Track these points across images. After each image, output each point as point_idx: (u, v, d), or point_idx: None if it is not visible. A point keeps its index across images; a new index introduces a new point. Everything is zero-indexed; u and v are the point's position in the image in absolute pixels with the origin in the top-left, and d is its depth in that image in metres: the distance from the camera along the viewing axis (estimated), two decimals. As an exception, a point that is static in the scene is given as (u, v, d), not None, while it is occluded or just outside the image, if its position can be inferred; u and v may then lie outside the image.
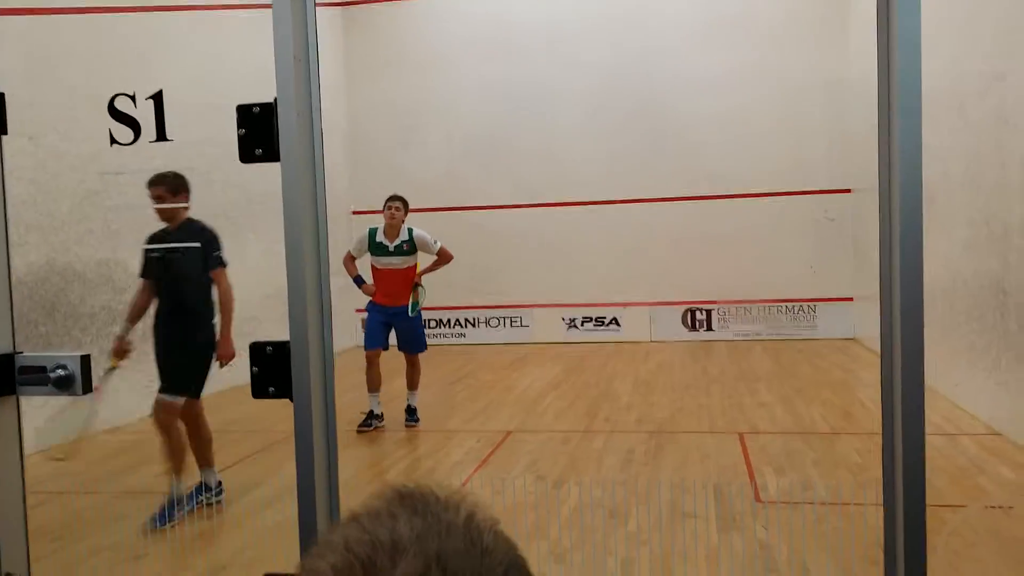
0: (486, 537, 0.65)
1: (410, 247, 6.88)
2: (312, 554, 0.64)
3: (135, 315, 5.09)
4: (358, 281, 6.86)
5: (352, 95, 12.17)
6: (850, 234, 11.14)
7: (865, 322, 10.69)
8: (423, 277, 6.99)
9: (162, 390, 4.93)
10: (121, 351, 5.01)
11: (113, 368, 4.96)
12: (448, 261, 7.05)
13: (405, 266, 6.90)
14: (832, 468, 5.33)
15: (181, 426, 4.98)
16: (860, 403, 7.40)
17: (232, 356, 4.86)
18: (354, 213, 11.80)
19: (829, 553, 3.87)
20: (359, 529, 0.64)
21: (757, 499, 4.73)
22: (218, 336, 4.93)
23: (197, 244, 4.87)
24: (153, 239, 5.01)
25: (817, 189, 11.32)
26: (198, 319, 4.97)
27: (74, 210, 6.79)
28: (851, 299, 11.13)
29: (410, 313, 6.88)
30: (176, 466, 4.87)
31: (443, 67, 12.06)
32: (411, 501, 0.67)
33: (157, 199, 4.83)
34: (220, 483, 5.16)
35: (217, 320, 4.97)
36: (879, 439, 5.91)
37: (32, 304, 6.39)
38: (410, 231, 6.86)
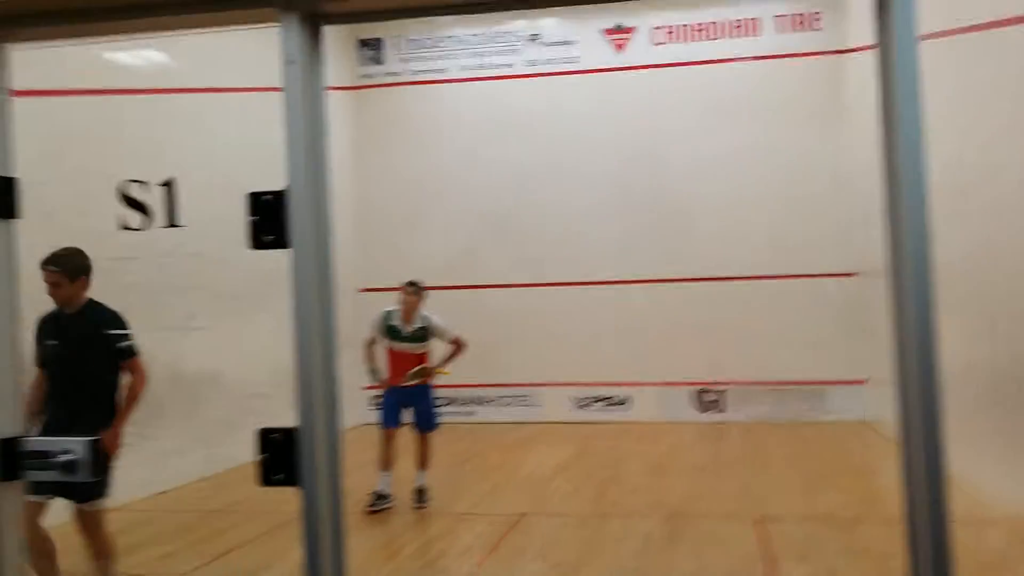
0: None
1: (425, 333, 6.85)
2: None
3: (37, 410, 4.34)
4: (375, 373, 6.83)
5: (360, 171, 12.30)
6: (860, 316, 11.06)
7: (878, 404, 10.54)
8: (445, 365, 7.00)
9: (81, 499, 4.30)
10: None
11: None
12: (463, 350, 6.99)
13: (419, 351, 6.89)
14: (855, 558, 5.17)
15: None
16: (879, 489, 7.23)
17: (117, 449, 4.34)
18: (361, 291, 11.83)
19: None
20: None
21: (776, 589, 4.58)
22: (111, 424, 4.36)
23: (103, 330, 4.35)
24: (45, 323, 4.34)
25: (823, 272, 11.31)
26: (104, 414, 4.37)
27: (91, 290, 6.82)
28: (863, 381, 10.99)
29: (405, 381, 6.78)
30: None
31: (452, 146, 12.24)
32: None
33: (53, 285, 4.25)
34: None
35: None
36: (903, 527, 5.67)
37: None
38: (426, 318, 6.84)
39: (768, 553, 5.27)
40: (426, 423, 6.97)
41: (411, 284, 6.88)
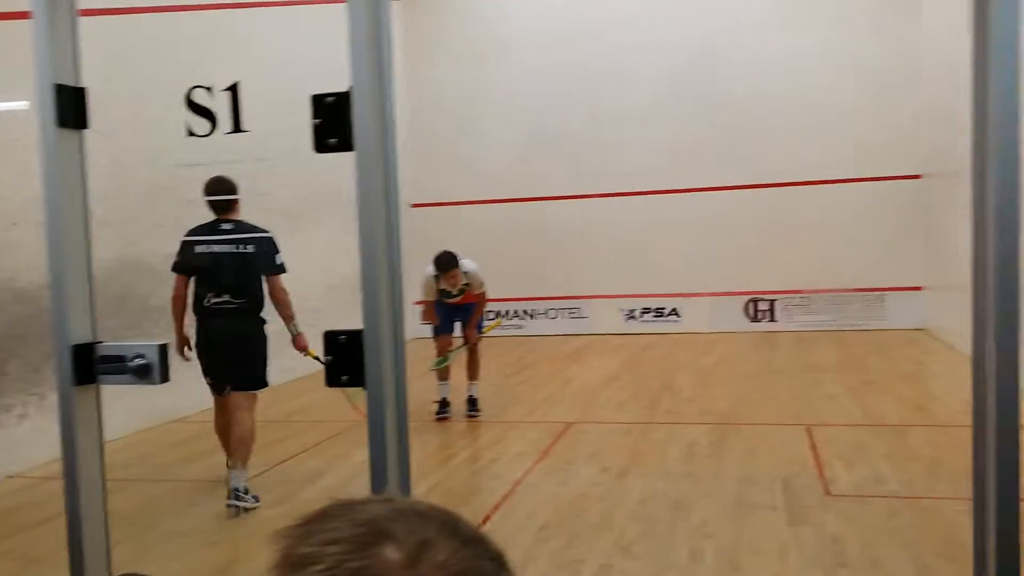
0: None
1: (468, 285, 6.96)
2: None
3: (183, 311, 5.10)
4: (437, 331, 7.04)
5: (411, 84, 12.17)
6: (921, 221, 10.82)
7: (935, 311, 10.39)
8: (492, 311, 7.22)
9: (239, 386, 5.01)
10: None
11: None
12: (484, 306, 7.23)
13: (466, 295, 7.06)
14: (905, 462, 5.19)
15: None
16: (932, 395, 7.20)
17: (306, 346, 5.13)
18: (413, 206, 11.86)
19: (903, 548, 3.76)
20: (332, 530, 0.70)
21: (827, 492, 4.63)
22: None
23: (265, 236, 5.04)
24: (199, 233, 5.04)
25: (885, 175, 11.01)
26: (258, 315, 5.06)
27: (144, 205, 6.97)
28: (921, 288, 10.82)
29: (479, 332, 7.23)
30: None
31: (504, 54, 12.02)
32: (340, 504, 0.75)
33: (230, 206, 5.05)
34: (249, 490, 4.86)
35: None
36: (953, 432, 5.73)
37: (103, 297, 6.57)
38: (465, 273, 6.87)
39: (816, 459, 5.31)
40: (475, 329, 7.17)
41: (442, 264, 6.75)
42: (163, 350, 2.15)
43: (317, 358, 4.85)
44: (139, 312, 6.90)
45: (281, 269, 5.03)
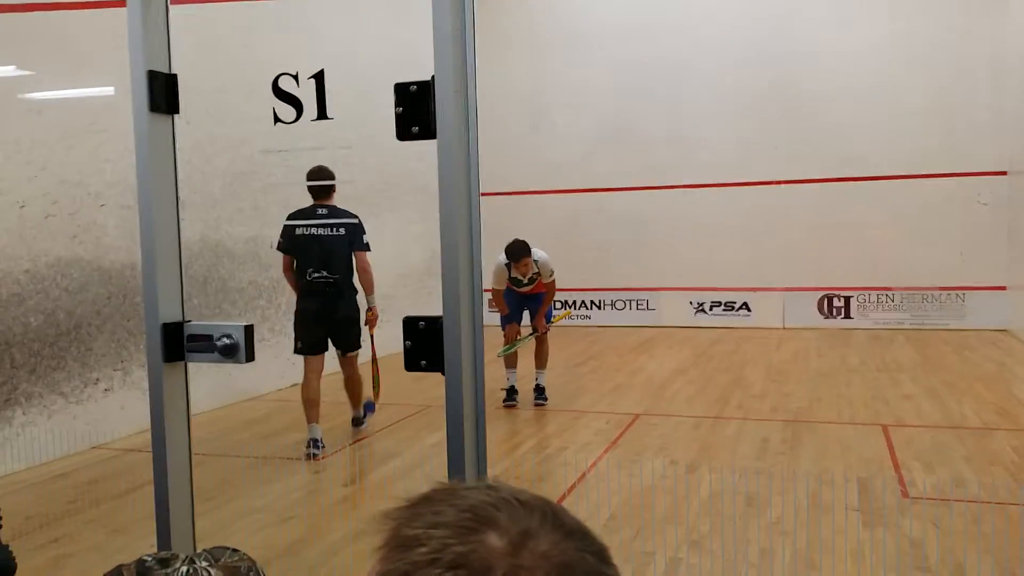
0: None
1: (538, 274, 6.95)
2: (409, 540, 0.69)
3: (294, 285, 5.90)
4: (506, 320, 7.05)
5: (482, 75, 12.18)
6: (1005, 219, 10.41)
7: (1019, 312, 9.99)
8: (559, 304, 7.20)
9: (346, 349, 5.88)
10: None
11: None
12: (553, 295, 7.16)
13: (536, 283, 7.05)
14: (987, 466, 5.01)
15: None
16: (1016, 398, 6.93)
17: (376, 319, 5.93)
18: (482, 195, 11.89)
19: (988, 554, 3.64)
20: (437, 514, 0.71)
21: (904, 495, 4.51)
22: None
23: (353, 219, 5.78)
24: (300, 216, 5.73)
25: (969, 171, 10.62)
26: (353, 289, 5.82)
27: (225, 190, 7.16)
28: (1004, 288, 10.41)
29: (547, 321, 7.18)
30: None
31: (573, 47, 11.98)
32: (440, 493, 0.75)
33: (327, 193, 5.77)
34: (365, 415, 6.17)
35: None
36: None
37: (186, 278, 6.79)
38: (536, 262, 6.86)
39: (894, 460, 5.17)
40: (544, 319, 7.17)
41: (514, 253, 6.76)
42: (249, 331, 2.20)
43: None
44: (219, 293, 7.11)
45: (367, 247, 5.78)
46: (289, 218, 5.74)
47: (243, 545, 1.15)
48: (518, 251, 6.71)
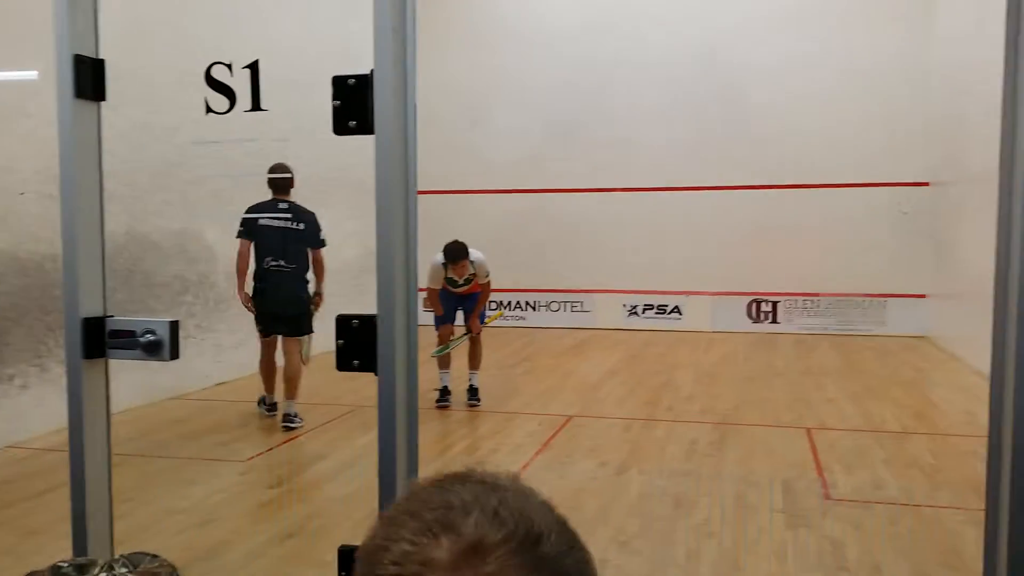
0: (527, 487, 0.76)
1: (474, 275, 6.93)
2: (379, 535, 0.70)
3: (245, 271, 6.28)
4: (440, 320, 7.00)
5: (424, 71, 12.09)
6: (926, 228, 10.80)
7: (938, 319, 10.37)
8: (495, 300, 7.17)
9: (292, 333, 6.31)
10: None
11: None
12: (488, 296, 7.16)
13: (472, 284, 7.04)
14: (904, 468, 5.18)
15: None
16: (932, 403, 7.18)
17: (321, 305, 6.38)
18: (420, 193, 11.82)
19: (903, 555, 3.76)
20: (421, 503, 0.70)
21: (826, 496, 4.63)
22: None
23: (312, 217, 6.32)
24: (260, 210, 6.25)
25: (893, 181, 10.99)
26: (304, 280, 6.32)
27: (154, 181, 6.94)
28: (925, 296, 10.80)
29: (481, 322, 7.16)
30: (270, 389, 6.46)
31: (516, 47, 11.98)
32: (454, 477, 0.75)
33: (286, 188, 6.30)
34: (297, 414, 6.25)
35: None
36: (954, 441, 5.73)
37: (110, 272, 6.57)
38: (472, 263, 6.83)
39: (816, 462, 5.31)
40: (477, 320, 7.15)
41: (452, 254, 6.71)
42: (174, 327, 2.13)
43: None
44: (144, 287, 6.90)
45: (323, 244, 6.35)
46: (249, 210, 6.23)
47: (163, 548, 1.10)
48: (457, 253, 6.68)
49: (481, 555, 0.65)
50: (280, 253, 6.12)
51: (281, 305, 6.21)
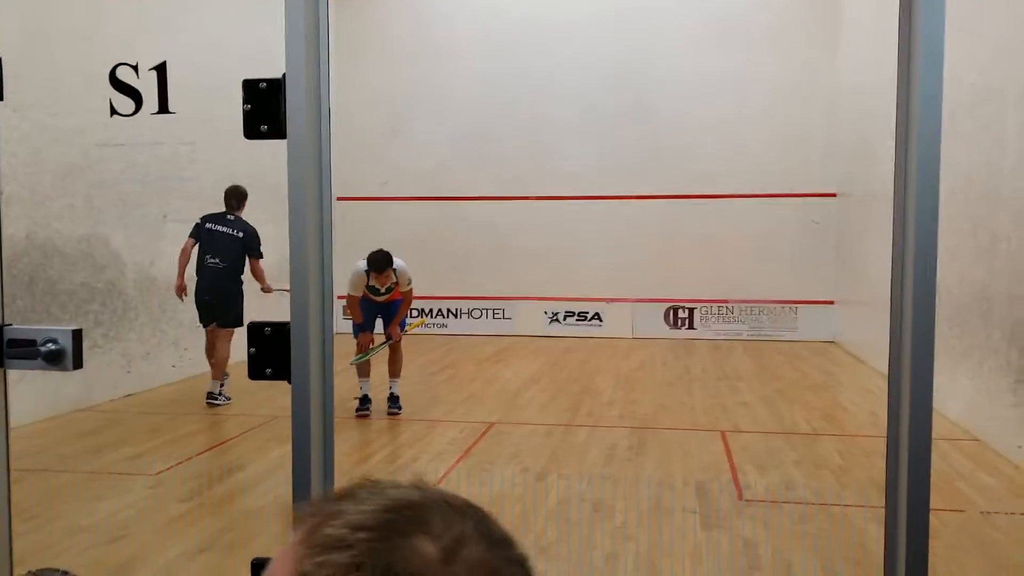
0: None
1: (395, 283, 6.85)
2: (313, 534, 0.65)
3: (184, 269, 7.12)
4: (359, 328, 6.87)
5: (341, 80, 12.01)
6: (833, 238, 11.21)
7: (845, 325, 10.77)
8: (415, 312, 7.07)
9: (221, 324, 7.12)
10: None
11: None
12: (410, 304, 7.12)
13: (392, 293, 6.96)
14: (814, 469, 5.36)
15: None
16: (841, 406, 7.45)
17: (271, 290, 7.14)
18: (339, 199, 11.69)
19: (813, 552, 3.88)
20: (362, 512, 0.66)
21: (740, 497, 4.74)
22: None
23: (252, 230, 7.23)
24: (211, 219, 7.21)
25: (802, 192, 11.38)
26: (239, 281, 7.23)
27: (56, 185, 6.67)
28: (832, 302, 11.20)
29: (401, 330, 7.07)
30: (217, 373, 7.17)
31: (435, 57, 11.98)
32: (369, 484, 0.71)
33: (237, 206, 7.29)
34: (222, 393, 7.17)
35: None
36: (859, 441, 5.94)
37: (10, 278, 6.28)
38: (395, 271, 6.75)
39: (731, 464, 5.44)
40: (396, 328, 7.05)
41: (377, 263, 6.65)
42: (77, 335, 2.05)
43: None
44: (47, 295, 6.62)
45: (261, 255, 7.24)
46: (202, 218, 7.19)
47: (71, 567, 1.06)
48: (381, 262, 6.60)
49: (465, 545, 0.65)
50: (217, 253, 7.08)
51: (214, 296, 7.08)
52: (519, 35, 11.76)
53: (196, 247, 7.12)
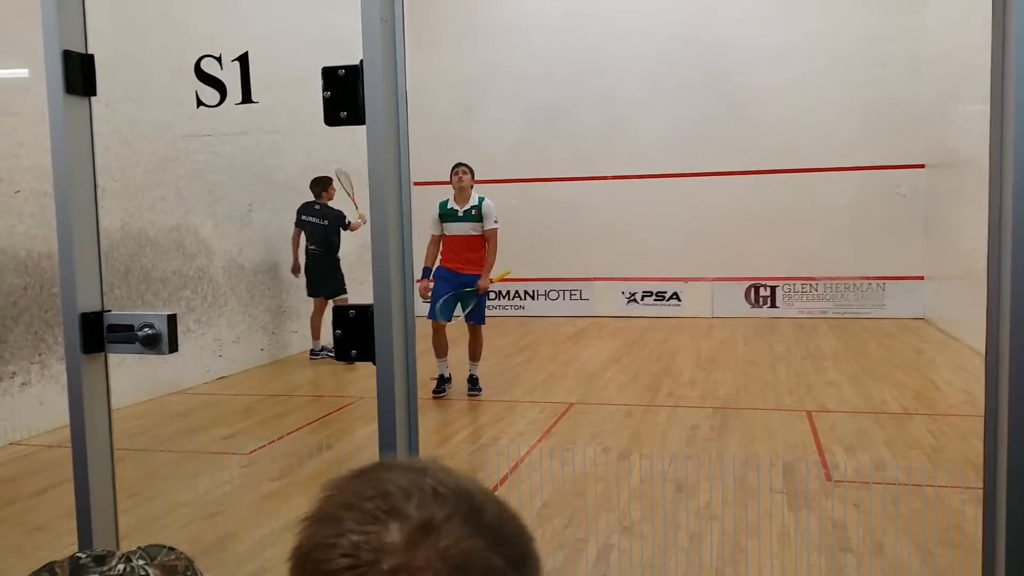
0: (448, 466, 0.77)
1: (478, 213, 6.82)
2: (317, 534, 0.70)
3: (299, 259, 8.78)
4: (427, 272, 6.80)
5: (415, 64, 12.09)
6: (922, 211, 10.80)
7: (936, 301, 10.38)
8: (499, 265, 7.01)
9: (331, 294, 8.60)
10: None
11: None
12: (494, 247, 6.87)
13: (475, 233, 6.84)
14: (906, 449, 5.20)
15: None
16: (933, 384, 7.20)
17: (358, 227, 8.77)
18: (415, 184, 11.81)
19: (906, 535, 3.77)
20: (353, 495, 0.71)
21: (827, 478, 4.64)
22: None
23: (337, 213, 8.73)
24: (304, 210, 8.69)
25: (889, 164, 10.98)
26: (335, 255, 8.80)
27: (148, 177, 6.94)
28: (922, 278, 10.81)
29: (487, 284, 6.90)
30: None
31: (507, 37, 11.96)
32: (375, 468, 0.76)
33: (325, 194, 8.72)
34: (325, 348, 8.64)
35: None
36: (954, 421, 5.74)
37: (106, 268, 6.57)
38: (480, 199, 6.82)
39: (817, 444, 5.32)
40: (476, 316, 6.98)
41: (461, 164, 6.89)
42: (172, 320, 2.12)
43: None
44: (142, 283, 6.90)
45: (348, 226, 8.77)
46: (300, 207, 8.62)
47: (171, 541, 1.11)
48: (462, 163, 6.89)
49: (434, 532, 0.66)
50: (313, 240, 8.63)
51: (315, 275, 8.66)
52: (588, 11, 11.63)
53: (302, 234, 8.61)
